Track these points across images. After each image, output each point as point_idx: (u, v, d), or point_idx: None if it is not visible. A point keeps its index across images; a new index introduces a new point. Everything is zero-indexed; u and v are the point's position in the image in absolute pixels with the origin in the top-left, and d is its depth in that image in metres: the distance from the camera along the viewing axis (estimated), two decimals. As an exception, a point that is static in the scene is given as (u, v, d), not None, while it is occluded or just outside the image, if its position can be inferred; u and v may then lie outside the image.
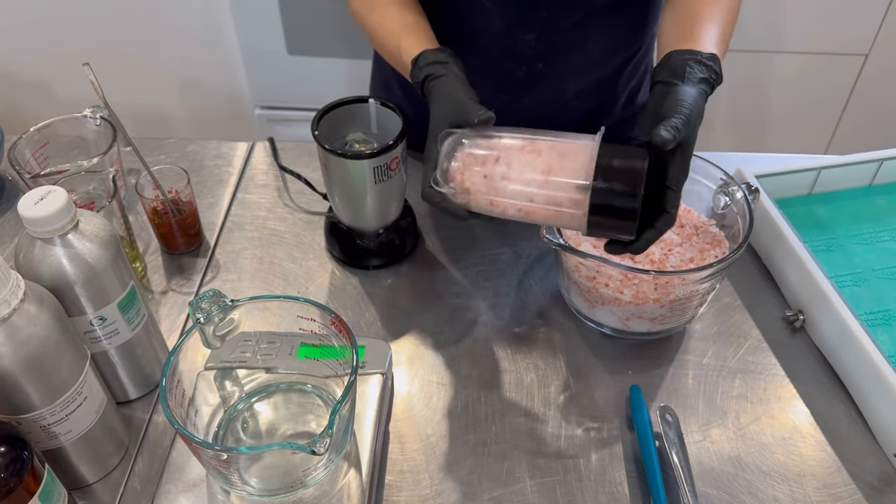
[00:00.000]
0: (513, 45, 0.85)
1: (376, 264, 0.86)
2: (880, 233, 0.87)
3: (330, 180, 0.79)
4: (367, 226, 0.83)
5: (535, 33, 0.84)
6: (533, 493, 0.66)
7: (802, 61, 1.76)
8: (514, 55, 0.86)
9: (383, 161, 0.75)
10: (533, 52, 0.86)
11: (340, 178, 0.77)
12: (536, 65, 0.87)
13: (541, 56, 0.86)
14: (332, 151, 0.75)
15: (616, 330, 0.76)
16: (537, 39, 0.84)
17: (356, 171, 0.75)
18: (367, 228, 0.83)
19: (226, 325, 0.63)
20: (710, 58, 0.67)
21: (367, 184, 0.76)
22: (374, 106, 0.80)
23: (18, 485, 0.52)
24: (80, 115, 0.87)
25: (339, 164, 0.75)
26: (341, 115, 0.80)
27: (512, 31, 0.84)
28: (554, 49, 0.86)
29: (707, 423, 0.71)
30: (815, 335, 0.77)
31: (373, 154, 0.74)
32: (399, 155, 0.76)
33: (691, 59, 0.66)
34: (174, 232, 0.86)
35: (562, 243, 0.69)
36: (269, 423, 0.66)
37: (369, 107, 0.80)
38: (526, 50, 0.86)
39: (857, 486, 0.67)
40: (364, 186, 0.77)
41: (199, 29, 1.81)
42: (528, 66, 0.87)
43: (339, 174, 0.77)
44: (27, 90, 1.95)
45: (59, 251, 0.60)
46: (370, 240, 0.84)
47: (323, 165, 0.78)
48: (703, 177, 0.79)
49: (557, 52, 0.86)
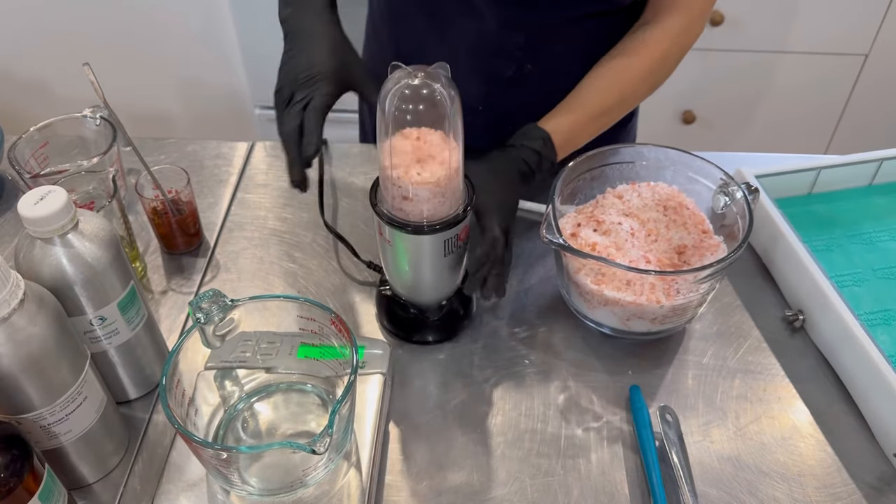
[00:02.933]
0: (502, 45, 0.86)
1: (435, 339, 0.78)
2: (880, 233, 0.87)
3: (389, 252, 0.70)
4: (430, 299, 0.75)
5: (524, 34, 0.84)
6: (533, 493, 0.66)
7: (802, 61, 1.77)
8: (503, 55, 0.87)
9: (453, 233, 0.67)
10: (522, 52, 0.86)
11: (403, 252, 0.69)
12: (525, 65, 0.87)
13: (529, 56, 0.87)
14: (395, 224, 0.66)
15: (616, 330, 0.76)
16: (526, 40, 0.85)
17: (423, 244, 0.67)
18: (428, 302, 0.76)
19: (226, 325, 0.63)
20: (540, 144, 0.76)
21: (435, 257, 0.68)
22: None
23: (18, 485, 0.52)
24: (80, 115, 0.87)
25: (403, 237, 0.67)
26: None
27: (501, 32, 0.84)
28: (542, 50, 0.86)
29: (707, 423, 0.71)
30: (815, 335, 0.77)
31: (443, 227, 0.66)
32: (469, 224, 0.69)
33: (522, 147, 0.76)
34: (174, 232, 0.86)
35: (562, 244, 0.69)
36: (269, 423, 0.66)
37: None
38: (514, 50, 0.86)
39: (857, 485, 0.67)
40: (431, 260, 0.68)
41: (199, 29, 1.82)
42: (517, 65, 0.88)
43: (402, 247, 0.68)
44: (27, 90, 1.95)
45: (59, 251, 0.60)
46: (432, 313, 0.77)
47: (379, 235, 0.70)
48: (703, 177, 0.79)
49: (545, 54, 0.87)
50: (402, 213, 0.66)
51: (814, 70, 1.78)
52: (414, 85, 0.61)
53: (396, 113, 0.62)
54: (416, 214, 0.65)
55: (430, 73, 0.62)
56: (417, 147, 0.63)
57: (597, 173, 0.82)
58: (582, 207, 0.82)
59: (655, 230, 0.79)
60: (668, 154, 0.81)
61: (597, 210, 0.80)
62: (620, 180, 0.83)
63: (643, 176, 0.83)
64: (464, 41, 0.86)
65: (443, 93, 0.61)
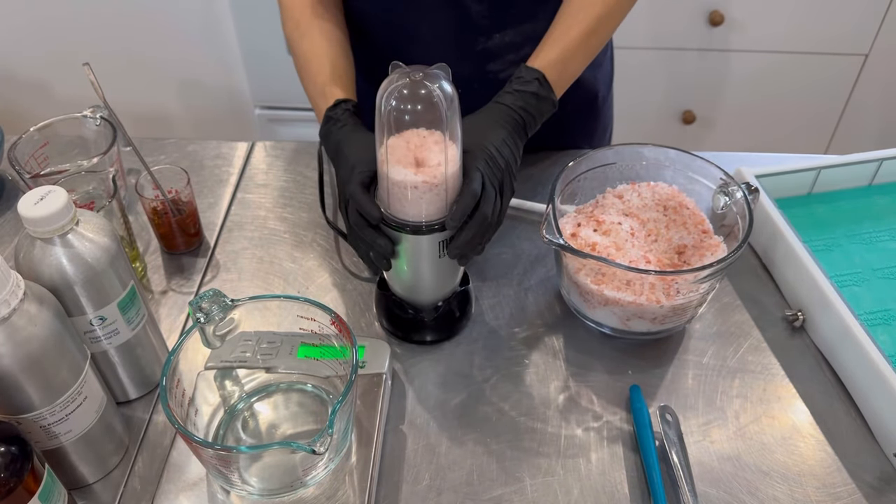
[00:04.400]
0: (467, 17, 0.85)
1: (433, 339, 0.78)
2: (880, 233, 0.87)
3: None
4: (428, 299, 0.76)
5: (485, 4, 0.84)
6: (533, 493, 0.66)
7: (802, 61, 1.77)
8: (471, 27, 0.86)
9: (449, 234, 0.67)
10: (488, 21, 0.86)
11: (401, 251, 0.69)
12: (493, 35, 0.87)
13: (496, 26, 0.86)
14: (393, 225, 0.66)
15: (616, 330, 0.76)
16: (490, 9, 0.85)
17: (419, 245, 0.68)
18: (426, 302, 0.76)
19: (226, 325, 0.63)
20: (536, 86, 0.74)
21: (432, 257, 0.69)
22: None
23: (18, 485, 0.52)
24: (80, 115, 0.87)
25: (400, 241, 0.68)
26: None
27: (465, 3, 0.84)
28: (507, 18, 0.86)
29: (707, 422, 0.71)
30: (815, 335, 0.78)
31: (442, 227, 0.66)
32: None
33: (517, 92, 0.74)
34: (174, 232, 0.86)
35: (562, 244, 0.70)
36: (269, 423, 0.66)
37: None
38: (481, 20, 0.86)
39: (857, 485, 0.67)
40: (428, 260, 0.69)
41: (199, 29, 1.81)
42: (486, 36, 0.88)
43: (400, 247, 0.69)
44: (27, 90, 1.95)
45: (59, 251, 0.60)
46: (428, 313, 0.78)
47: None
48: (702, 177, 0.79)
49: (511, 21, 0.86)
50: (399, 212, 0.66)
51: (814, 70, 1.78)
52: (412, 85, 0.61)
53: (394, 113, 0.62)
54: (415, 215, 0.65)
55: (428, 73, 0.62)
56: (415, 147, 0.63)
57: (597, 173, 0.82)
58: (582, 207, 0.82)
59: (655, 230, 0.79)
60: (668, 154, 0.81)
61: (597, 210, 0.80)
62: (620, 180, 0.83)
63: (643, 176, 0.83)
64: (430, 21, 0.86)
65: (440, 93, 0.61)
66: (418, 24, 0.87)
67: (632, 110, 1.63)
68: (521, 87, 0.75)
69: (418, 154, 0.63)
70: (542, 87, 0.75)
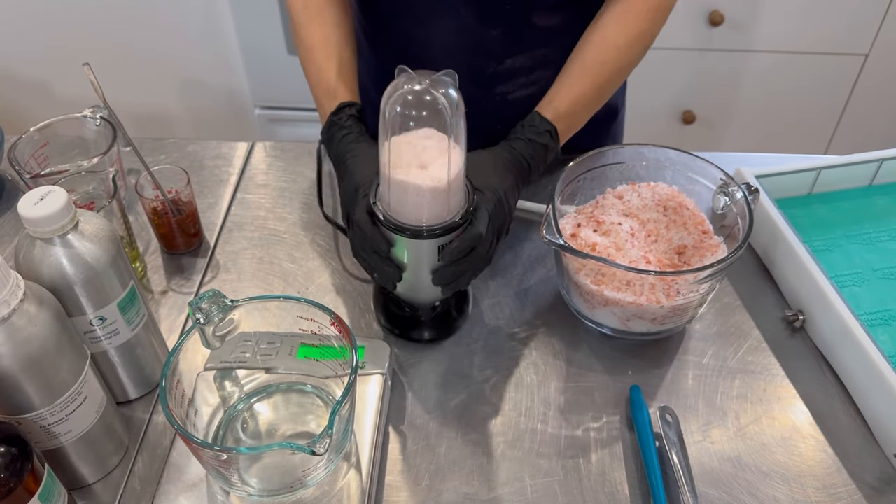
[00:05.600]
0: (480, 42, 0.85)
1: (430, 337, 0.79)
2: (880, 233, 0.87)
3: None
4: (424, 300, 0.76)
5: (500, 28, 0.84)
6: (533, 493, 0.66)
7: (802, 61, 1.77)
8: (482, 51, 0.86)
9: (449, 239, 0.67)
10: (501, 47, 0.85)
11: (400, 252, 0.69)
12: (505, 60, 0.87)
13: (508, 51, 0.86)
14: (393, 228, 0.66)
15: (616, 330, 0.76)
16: (503, 34, 0.84)
17: (418, 248, 0.68)
18: (424, 302, 0.76)
19: (226, 326, 0.63)
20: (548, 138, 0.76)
21: (432, 260, 0.69)
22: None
23: (18, 485, 0.52)
24: (80, 115, 0.87)
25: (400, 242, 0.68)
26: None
27: (479, 27, 0.83)
28: (521, 44, 0.86)
29: (707, 423, 0.71)
30: (814, 335, 0.77)
31: (443, 232, 0.66)
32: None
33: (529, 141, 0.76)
34: (174, 232, 0.86)
35: (562, 244, 0.69)
36: (269, 424, 0.66)
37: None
38: (493, 45, 0.85)
39: (857, 486, 0.67)
40: (427, 264, 0.69)
41: (199, 29, 1.81)
42: (498, 61, 0.87)
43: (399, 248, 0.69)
44: (27, 90, 1.95)
45: (59, 251, 0.60)
46: (425, 313, 0.78)
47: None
48: (702, 177, 0.79)
49: (524, 47, 0.86)
50: (400, 214, 0.66)
51: (814, 70, 1.78)
52: (416, 91, 0.61)
53: (399, 117, 0.62)
54: (415, 218, 0.65)
55: (434, 79, 0.62)
56: (420, 150, 0.63)
57: (597, 173, 0.82)
58: (582, 207, 0.82)
59: (655, 230, 0.79)
60: (668, 154, 0.81)
61: (597, 210, 0.80)
62: (620, 180, 0.83)
63: (643, 176, 0.83)
64: (443, 41, 0.85)
65: (444, 100, 0.61)
66: (430, 48, 0.86)
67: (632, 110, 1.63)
68: (534, 136, 0.77)
69: (422, 157, 0.63)
70: (553, 139, 0.77)
